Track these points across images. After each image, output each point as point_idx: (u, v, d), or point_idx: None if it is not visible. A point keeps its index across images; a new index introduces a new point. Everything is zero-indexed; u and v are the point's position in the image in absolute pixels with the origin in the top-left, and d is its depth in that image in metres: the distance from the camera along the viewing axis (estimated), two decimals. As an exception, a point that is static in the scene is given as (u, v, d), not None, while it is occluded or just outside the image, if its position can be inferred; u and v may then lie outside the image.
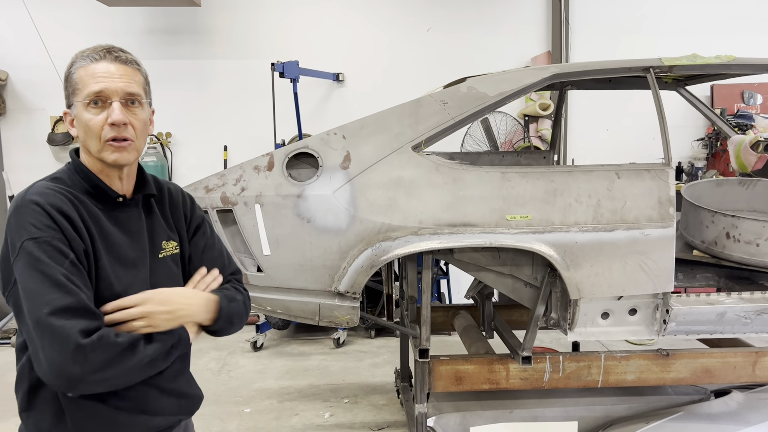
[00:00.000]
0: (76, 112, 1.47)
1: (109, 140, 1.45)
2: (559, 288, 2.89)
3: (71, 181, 1.49)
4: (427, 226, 2.70)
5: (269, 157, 2.78)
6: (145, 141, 1.56)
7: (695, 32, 6.40)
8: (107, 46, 1.48)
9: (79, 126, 1.48)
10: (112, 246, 1.48)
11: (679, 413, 3.21)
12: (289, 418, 4.10)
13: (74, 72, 1.46)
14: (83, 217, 1.42)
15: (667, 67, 2.96)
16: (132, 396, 1.48)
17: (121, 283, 1.47)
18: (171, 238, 1.65)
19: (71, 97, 1.48)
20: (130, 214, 1.56)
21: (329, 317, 2.79)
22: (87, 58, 1.46)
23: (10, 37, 6.22)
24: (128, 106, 1.47)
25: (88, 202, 1.47)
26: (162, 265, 1.59)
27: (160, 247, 1.60)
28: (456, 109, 2.83)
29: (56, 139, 6.28)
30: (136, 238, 1.54)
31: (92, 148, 1.47)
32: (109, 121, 1.43)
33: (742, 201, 3.62)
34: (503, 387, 3.04)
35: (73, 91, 1.47)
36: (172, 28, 6.32)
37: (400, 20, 6.47)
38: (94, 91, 1.43)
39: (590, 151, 6.40)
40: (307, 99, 6.19)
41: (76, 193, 1.46)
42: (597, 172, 2.77)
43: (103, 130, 1.44)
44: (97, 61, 1.45)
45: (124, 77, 1.46)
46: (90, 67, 1.44)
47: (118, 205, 1.53)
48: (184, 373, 1.66)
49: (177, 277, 1.64)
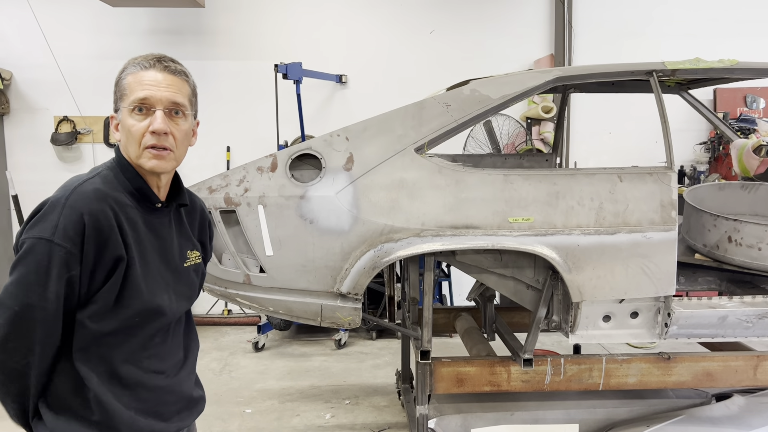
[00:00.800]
0: (121, 117, 1.49)
1: (148, 147, 1.47)
2: (561, 290, 2.89)
3: (117, 180, 1.50)
4: (430, 227, 2.70)
5: (272, 158, 2.79)
6: (185, 151, 1.57)
7: (698, 36, 6.40)
8: (158, 55, 1.51)
9: (123, 130, 1.49)
10: (145, 252, 1.50)
11: (680, 416, 3.21)
12: (291, 419, 4.11)
13: (124, 78, 1.49)
14: (121, 225, 1.44)
15: (670, 71, 2.97)
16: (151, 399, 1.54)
17: (150, 289, 1.49)
18: (195, 248, 1.68)
19: (118, 102, 1.50)
20: (163, 221, 1.58)
21: (331, 318, 2.79)
22: (137, 65, 1.48)
23: (14, 37, 6.24)
24: (172, 116, 1.49)
25: (130, 204, 1.49)
26: (185, 274, 1.63)
27: (186, 256, 1.64)
28: (459, 112, 2.83)
29: (59, 138, 6.30)
30: (166, 246, 1.57)
31: (132, 153, 1.49)
32: (151, 128, 1.46)
33: (745, 205, 3.62)
34: (504, 389, 3.04)
35: (121, 96, 1.49)
36: (175, 28, 6.34)
37: (403, 22, 6.48)
38: (140, 98, 1.45)
39: (592, 155, 6.42)
40: (310, 100, 6.21)
41: (120, 195, 1.48)
42: (599, 175, 2.77)
43: (144, 137, 1.47)
44: (146, 69, 1.47)
45: (171, 87, 1.48)
46: (139, 75, 1.47)
47: (154, 211, 1.55)
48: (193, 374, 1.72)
49: (195, 288, 1.69)
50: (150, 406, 1.55)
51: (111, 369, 1.47)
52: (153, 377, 1.55)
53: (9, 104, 6.33)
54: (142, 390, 1.52)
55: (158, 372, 1.56)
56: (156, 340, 1.55)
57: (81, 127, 6.34)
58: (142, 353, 1.52)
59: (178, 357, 1.64)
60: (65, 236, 1.36)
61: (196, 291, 1.69)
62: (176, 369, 1.63)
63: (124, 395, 1.49)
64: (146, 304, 1.48)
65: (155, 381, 1.55)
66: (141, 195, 1.52)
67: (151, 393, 1.54)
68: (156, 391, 1.56)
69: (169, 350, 1.60)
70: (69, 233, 1.36)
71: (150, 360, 1.54)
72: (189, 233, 1.67)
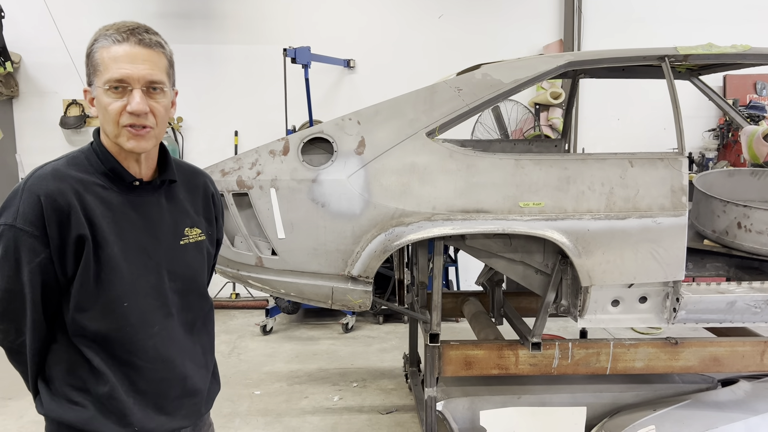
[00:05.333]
0: (96, 94, 1.42)
1: (126, 126, 1.40)
2: (570, 275, 2.91)
3: (88, 162, 1.46)
4: (441, 212, 2.72)
5: (285, 141, 2.80)
6: (165, 126, 1.50)
7: (709, 21, 6.36)
8: (131, 25, 1.41)
9: (99, 108, 1.43)
10: (124, 231, 1.44)
11: (686, 401, 3.24)
12: (299, 401, 4.16)
13: (96, 51, 1.40)
14: (85, 204, 1.39)
15: (683, 56, 2.96)
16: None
17: (132, 269, 1.44)
18: (196, 225, 1.60)
19: (91, 77, 1.43)
20: (148, 199, 1.51)
21: (342, 301, 2.82)
22: (109, 38, 1.38)
23: (23, 20, 6.23)
24: (150, 93, 1.42)
25: (101, 184, 1.44)
26: (182, 252, 1.55)
27: (183, 233, 1.56)
28: (470, 96, 2.83)
29: (68, 122, 6.32)
30: (152, 224, 1.49)
31: (110, 133, 1.43)
32: (129, 109, 1.39)
33: (754, 191, 3.62)
34: (512, 372, 3.06)
35: (94, 71, 1.41)
36: (184, 12, 6.33)
37: (412, 6, 6.45)
38: (115, 78, 1.38)
39: (601, 141, 6.40)
40: (318, 85, 6.20)
41: (87, 177, 1.43)
42: (610, 160, 2.78)
43: (121, 116, 1.40)
44: (119, 43, 1.37)
45: (147, 63, 1.39)
46: (112, 50, 1.38)
47: (134, 189, 1.48)
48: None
49: (200, 265, 1.61)
50: (150, 398, 1.51)
51: (109, 357, 1.45)
52: (155, 366, 1.50)
53: (18, 88, 6.34)
54: (141, 379, 1.49)
55: (164, 360, 1.52)
56: (156, 328, 1.49)
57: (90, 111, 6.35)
58: (143, 342, 1.48)
59: (185, 345, 1.58)
60: (25, 220, 1.35)
61: (200, 270, 1.61)
62: (182, 358, 1.56)
63: (124, 383, 1.47)
64: (130, 285, 1.43)
65: (157, 370, 1.51)
66: (115, 175, 1.46)
67: (151, 383, 1.50)
68: (158, 382, 1.52)
69: (170, 336, 1.53)
70: (29, 217, 1.35)
71: (149, 350, 1.49)
72: (187, 209, 1.59)
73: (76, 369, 1.45)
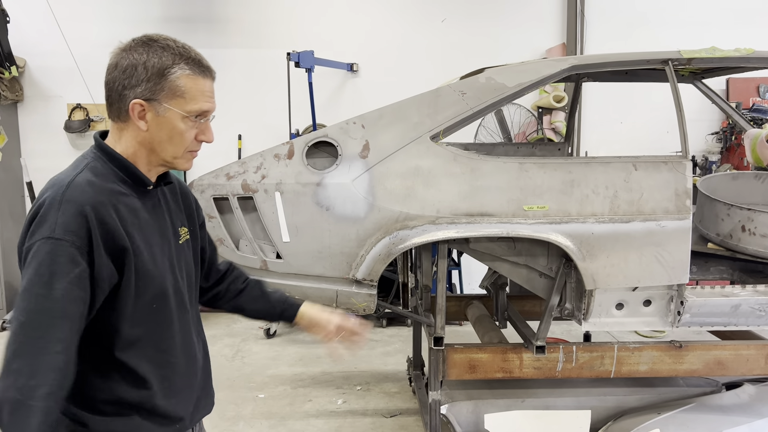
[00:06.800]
0: (166, 115, 1.42)
1: (191, 151, 1.51)
2: (574, 278, 2.91)
3: (106, 170, 1.44)
4: (445, 215, 2.72)
5: (289, 145, 2.81)
6: None
7: (712, 25, 6.36)
8: (204, 59, 1.49)
9: (163, 130, 1.44)
10: (149, 236, 1.47)
11: (690, 404, 3.23)
12: (303, 404, 4.16)
13: (179, 77, 1.42)
14: (121, 215, 1.39)
15: (686, 60, 2.97)
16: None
17: (160, 272, 1.48)
18: (184, 224, 1.65)
19: (158, 93, 1.41)
20: (155, 202, 1.55)
21: (346, 304, 2.82)
22: (193, 68, 1.44)
23: (27, 25, 6.25)
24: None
25: (125, 192, 1.44)
26: (181, 250, 1.60)
27: (179, 233, 1.61)
28: (474, 100, 2.84)
29: (73, 126, 6.34)
30: (161, 226, 1.54)
31: (171, 153, 1.48)
32: (204, 139, 1.50)
33: (758, 195, 3.62)
34: (516, 376, 3.06)
35: (172, 94, 1.42)
36: (187, 16, 6.36)
37: (415, 10, 6.47)
38: (203, 110, 1.46)
39: (604, 144, 6.41)
40: (321, 89, 6.21)
41: (114, 186, 1.42)
42: (614, 164, 2.78)
43: (191, 143, 1.49)
44: (204, 77, 1.46)
45: (214, 95, 1.50)
46: (200, 82, 1.45)
47: (147, 193, 1.51)
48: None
49: (195, 261, 1.68)
50: (185, 393, 1.57)
51: (147, 361, 1.47)
52: (184, 361, 1.56)
53: (23, 92, 6.37)
54: (175, 375, 1.53)
55: (188, 355, 1.58)
56: (179, 325, 1.54)
57: (94, 115, 6.38)
58: (171, 341, 1.52)
59: (197, 339, 1.65)
60: (66, 230, 1.28)
61: (197, 266, 1.68)
62: (197, 351, 1.63)
63: (164, 383, 1.50)
64: (159, 287, 1.47)
65: (186, 365, 1.57)
66: (134, 180, 1.46)
67: (183, 378, 1.56)
68: (189, 376, 1.58)
69: (188, 331, 1.60)
70: (70, 226, 1.29)
71: (177, 347, 1.54)
72: (176, 210, 1.64)
73: (109, 380, 1.43)
